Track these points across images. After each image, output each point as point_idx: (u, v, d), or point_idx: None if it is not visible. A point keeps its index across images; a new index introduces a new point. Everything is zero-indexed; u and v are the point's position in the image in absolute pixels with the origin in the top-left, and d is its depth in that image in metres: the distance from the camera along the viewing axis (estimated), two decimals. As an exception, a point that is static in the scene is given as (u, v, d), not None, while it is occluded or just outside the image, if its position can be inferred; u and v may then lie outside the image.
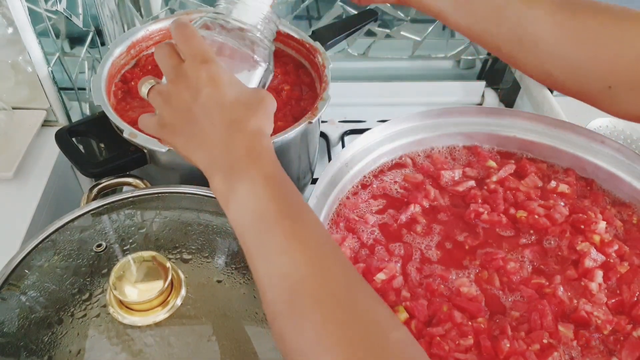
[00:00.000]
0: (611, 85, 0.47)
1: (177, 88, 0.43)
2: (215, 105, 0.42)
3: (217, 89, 0.42)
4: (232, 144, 0.41)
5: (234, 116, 0.42)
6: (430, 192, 0.64)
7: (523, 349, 0.50)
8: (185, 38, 0.44)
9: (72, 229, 0.55)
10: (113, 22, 0.91)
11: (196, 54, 0.43)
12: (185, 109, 0.43)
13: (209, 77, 0.42)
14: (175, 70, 0.44)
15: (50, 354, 0.45)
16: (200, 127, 0.42)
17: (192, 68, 0.43)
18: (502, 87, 1.02)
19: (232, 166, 0.40)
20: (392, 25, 0.97)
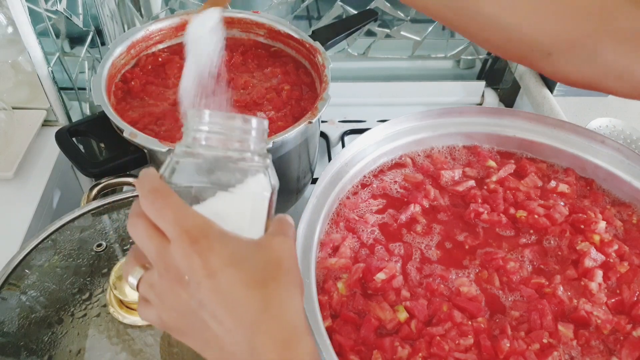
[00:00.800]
0: (551, 52, 0.47)
1: (169, 284, 0.34)
2: (222, 303, 0.32)
3: (219, 279, 0.32)
4: (259, 357, 0.32)
5: (251, 315, 0.32)
6: (430, 192, 0.64)
7: (523, 348, 0.50)
8: (158, 211, 0.33)
9: (72, 228, 0.55)
10: (113, 22, 0.91)
11: (179, 231, 0.32)
12: (186, 310, 0.34)
13: (205, 263, 0.32)
14: (161, 257, 0.33)
15: (51, 353, 0.45)
16: (212, 333, 0.33)
17: (181, 255, 0.32)
18: (502, 87, 1.02)
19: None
20: (392, 25, 0.97)
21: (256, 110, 0.70)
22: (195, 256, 0.32)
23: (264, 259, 0.34)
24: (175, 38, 0.80)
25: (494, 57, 1.01)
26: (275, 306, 0.33)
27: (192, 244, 0.32)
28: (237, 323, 0.32)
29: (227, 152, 0.35)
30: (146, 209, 0.34)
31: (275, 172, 0.37)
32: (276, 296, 0.33)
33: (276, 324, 0.33)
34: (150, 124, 0.68)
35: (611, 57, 0.44)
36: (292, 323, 0.33)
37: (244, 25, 0.80)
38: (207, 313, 0.33)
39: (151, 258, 0.34)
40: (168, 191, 0.34)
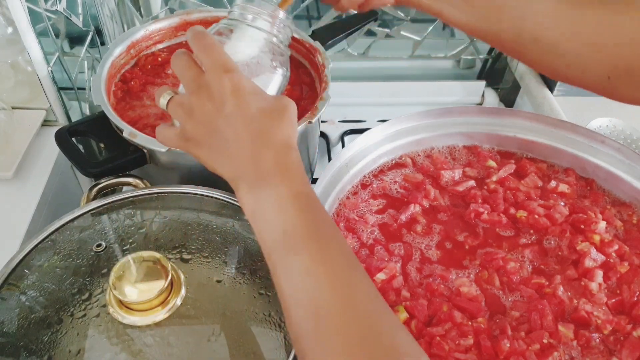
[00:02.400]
0: (610, 75, 0.49)
1: (200, 100, 0.42)
2: (240, 116, 0.41)
3: (242, 99, 0.41)
4: (260, 156, 0.40)
5: (260, 128, 0.41)
6: (430, 192, 0.64)
7: (523, 349, 0.50)
8: (205, 47, 0.43)
9: (72, 228, 0.55)
10: (113, 22, 0.91)
11: (217, 64, 0.42)
12: (210, 121, 0.42)
13: (233, 87, 0.41)
14: (197, 81, 0.42)
15: (50, 353, 0.45)
16: (226, 139, 0.41)
17: (215, 79, 0.41)
18: (502, 87, 1.02)
19: (260, 180, 0.40)
20: (392, 25, 0.97)
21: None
22: (227, 80, 0.41)
23: (276, 101, 0.43)
24: (175, 38, 0.80)
25: (494, 57, 1.01)
26: (277, 126, 0.41)
27: (226, 72, 0.41)
28: (249, 130, 0.40)
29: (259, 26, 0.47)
30: (195, 45, 0.43)
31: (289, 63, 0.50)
32: (279, 123, 0.42)
33: (276, 136, 0.41)
34: (150, 123, 0.68)
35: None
36: (287, 140, 0.42)
37: (244, 25, 0.80)
38: (227, 122, 0.41)
39: (187, 81, 0.43)
40: (214, 39, 0.43)
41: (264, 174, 0.40)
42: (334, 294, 0.36)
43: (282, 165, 0.40)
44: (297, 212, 0.39)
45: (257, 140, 0.40)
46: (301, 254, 0.38)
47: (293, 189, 0.39)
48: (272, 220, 0.39)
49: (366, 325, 0.36)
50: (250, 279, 0.50)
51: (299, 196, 0.39)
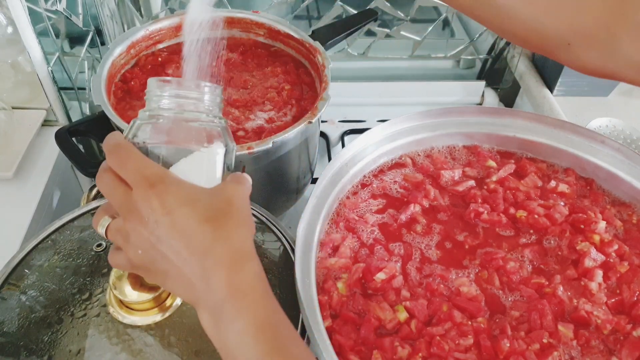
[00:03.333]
0: (570, 42, 0.47)
1: (133, 225, 0.38)
2: (179, 236, 0.37)
3: (174, 216, 0.37)
4: (210, 282, 0.37)
5: (204, 244, 0.37)
6: (430, 191, 0.64)
7: (523, 348, 0.50)
8: (121, 162, 0.38)
9: (72, 228, 0.55)
10: (113, 22, 0.91)
11: (139, 178, 0.37)
12: (148, 247, 0.38)
13: (162, 204, 0.37)
14: (125, 204, 0.38)
15: (50, 353, 0.45)
16: (171, 264, 0.38)
17: (141, 199, 0.37)
18: (502, 87, 1.02)
19: (216, 310, 0.37)
20: (392, 25, 0.97)
21: (256, 110, 0.70)
22: (154, 197, 0.37)
23: (216, 199, 0.39)
24: (175, 38, 0.80)
25: (494, 57, 1.01)
26: (224, 236, 0.37)
27: (151, 187, 0.37)
28: (191, 251, 0.37)
29: (184, 114, 0.40)
30: (111, 162, 0.39)
31: (231, 134, 0.43)
32: (226, 229, 0.38)
33: (224, 249, 0.37)
34: (150, 123, 0.68)
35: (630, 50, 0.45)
36: (239, 249, 0.38)
37: (244, 25, 0.80)
38: (166, 246, 0.37)
39: (116, 205, 0.39)
40: (130, 146, 0.39)
41: (219, 302, 0.36)
42: None
43: (236, 289, 0.37)
44: (262, 352, 0.36)
45: (204, 261, 0.37)
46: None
47: (253, 321, 0.36)
48: (237, 357, 0.36)
49: None
50: (250, 278, 0.50)
51: (261, 329, 0.36)
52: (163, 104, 0.41)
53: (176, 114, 0.40)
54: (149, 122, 0.41)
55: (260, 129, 0.68)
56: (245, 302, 0.37)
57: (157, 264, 0.38)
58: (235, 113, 0.69)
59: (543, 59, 0.97)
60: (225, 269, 0.37)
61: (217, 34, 0.56)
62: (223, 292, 0.36)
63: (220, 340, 0.37)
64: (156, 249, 0.37)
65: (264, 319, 0.37)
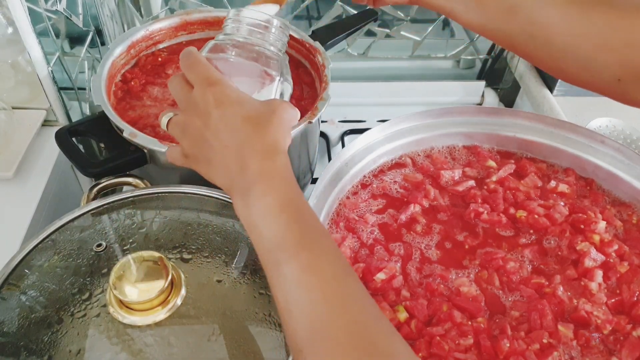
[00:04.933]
0: (620, 78, 0.49)
1: (190, 117, 0.44)
2: (225, 127, 0.42)
3: (225, 110, 0.42)
4: (245, 166, 0.41)
5: (244, 136, 0.41)
6: (430, 191, 0.64)
7: (523, 348, 0.50)
8: (190, 65, 0.44)
9: (72, 228, 0.55)
10: (113, 22, 0.91)
11: (201, 78, 0.43)
12: (199, 135, 0.43)
13: (216, 99, 0.42)
14: (186, 99, 0.44)
15: (50, 353, 0.45)
16: (215, 151, 0.42)
17: (200, 94, 0.43)
18: (502, 87, 1.02)
19: (248, 191, 0.40)
20: (392, 25, 0.97)
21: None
22: (210, 93, 0.42)
23: (263, 107, 0.43)
24: (175, 38, 0.80)
25: (494, 57, 1.01)
26: (262, 133, 0.42)
27: (209, 86, 0.42)
28: (233, 142, 0.41)
29: (252, 39, 0.48)
30: (182, 65, 0.45)
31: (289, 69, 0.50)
32: (264, 129, 0.42)
33: (261, 143, 0.41)
34: (150, 123, 0.68)
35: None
36: (273, 144, 0.42)
37: (244, 25, 0.80)
38: (213, 135, 0.42)
39: (179, 101, 0.45)
40: (199, 55, 0.45)
41: (251, 183, 0.40)
42: (326, 305, 0.36)
43: (267, 173, 0.40)
44: (285, 223, 0.39)
45: (242, 149, 0.41)
46: (292, 264, 0.38)
47: (279, 198, 0.40)
48: (263, 232, 0.39)
49: (361, 333, 0.35)
50: (250, 279, 0.50)
51: (286, 205, 0.40)
52: (237, 29, 0.48)
53: (245, 38, 0.48)
54: (222, 42, 0.48)
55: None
56: (272, 183, 0.40)
57: (204, 151, 0.43)
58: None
59: (543, 59, 0.97)
60: (259, 157, 0.41)
61: None
62: (254, 176, 0.40)
63: (248, 216, 0.40)
64: (205, 138, 0.42)
65: (289, 198, 0.40)
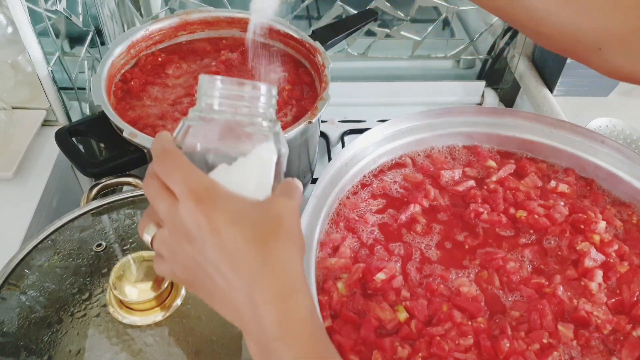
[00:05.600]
0: (601, 47, 0.48)
1: (178, 241, 0.36)
2: (224, 258, 0.35)
3: (222, 236, 0.34)
4: (259, 315, 0.34)
5: (250, 271, 0.35)
6: (430, 191, 0.64)
7: (523, 348, 0.50)
8: (168, 171, 0.36)
9: (72, 228, 0.55)
10: (113, 22, 0.91)
11: (186, 191, 0.35)
12: (195, 265, 0.36)
13: (209, 222, 0.34)
14: (170, 216, 0.36)
15: (50, 353, 0.45)
16: (217, 286, 0.36)
17: (187, 215, 0.35)
18: (502, 87, 1.02)
19: (267, 347, 0.35)
20: (392, 25, 0.97)
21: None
22: (200, 214, 0.34)
23: (265, 217, 0.36)
24: (175, 38, 0.80)
25: (494, 57, 1.01)
26: (273, 261, 0.35)
27: (198, 202, 0.34)
28: (238, 277, 0.34)
29: (236, 117, 0.38)
30: (157, 170, 0.36)
31: (284, 138, 0.40)
32: (275, 252, 0.35)
33: (273, 278, 0.35)
34: (150, 123, 0.68)
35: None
36: (290, 278, 0.35)
37: (244, 25, 0.80)
38: (212, 267, 0.35)
39: (162, 216, 0.37)
40: (178, 153, 0.36)
41: (270, 339, 0.35)
42: None
43: (287, 324, 0.35)
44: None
45: (251, 291, 0.34)
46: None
47: (304, 353, 0.35)
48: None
49: None
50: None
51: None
52: (214, 104, 0.38)
53: (228, 116, 0.38)
54: (198, 124, 0.38)
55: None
56: (294, 336, 0.35)
57: (203, 282, 0.37)
58: (235, 113, 0.69)
59: (543, 59, 0.97)
60: (274, 305, 0.34)
61: None
62: (273, 330, 0.34)
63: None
64: (202, 268, 0.36)
65: (316, 352, 0.35)
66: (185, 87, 0.73)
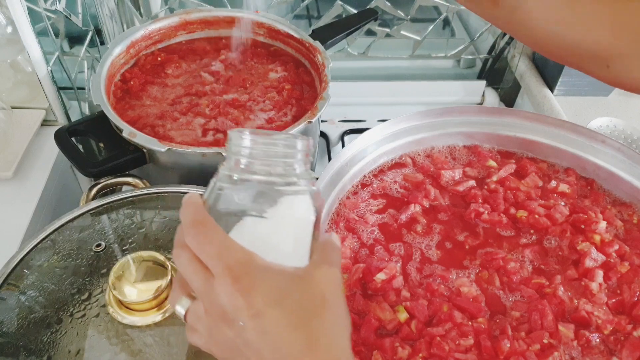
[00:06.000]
0: (609, 64, 0.47)
1: (216, 323, 0.34)
2: (266, 346, 0.33)
3: (262, 319, 0.32)
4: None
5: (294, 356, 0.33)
6: (431, 191, 0.64)
7: (523, 349, 0.50)
8: (201, 245, 0.34)
9: (72, 228, 0.55)
10: (112, 22, 0.91)
11: (222, 267, 0.33)
12: (233, 346, 0.34)
13: (247, 303, 0.32)
14: (206, 292, 0.34)
15: (50, 353, 0.45)
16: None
17: (224, 293, 0.33)
18: (502, 87, 1.02)
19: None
20: (392, 25, 0.97)
21: (256, 110, 0.70)
22: (239, 296, 0.32)
23: (307, 295, 0.34)
24: (175, 37, 0.80)
25: (495, 57, 1.01)
26: (319, 345, 0.33)
27: (235, 282, 0.32)
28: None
29: (271, 177, 0.34)
30: (189, 242, 0.34)
31: (320, 194, 0.37)
32: (320, 334, 0.33)
33: None
34: (150, 123, 0.68)
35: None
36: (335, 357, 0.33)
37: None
38: (253, 352, 0.33)
39: (196, 291, 0.35)
40: (210, 224, 0.34)
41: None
42: None
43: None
44: None
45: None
46: None
47: None
48: None
49: None
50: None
51: None
52: (247, 163, 0.34)
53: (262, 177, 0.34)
54: (230, 186, 0.35)
55: (260, 129, 0.67)
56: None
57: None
58: (234, 113, 0.69)
59: (543, 59, 0.97)
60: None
61: None
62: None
63: None
64: (241, 351, 0.34)
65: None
66: (185, 86, 0.73)
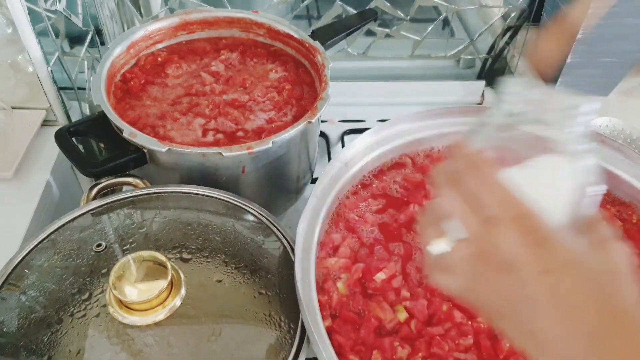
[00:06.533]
0: None
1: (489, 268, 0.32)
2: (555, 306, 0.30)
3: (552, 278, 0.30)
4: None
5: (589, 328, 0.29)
6: (430, 191, 0.64)
7: (523, 348, 0.50)
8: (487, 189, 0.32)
9: (72, 228, 0.55)
10: (113, 22, 0.91)
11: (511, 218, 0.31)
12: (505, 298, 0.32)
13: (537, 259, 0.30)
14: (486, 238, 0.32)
15: (50, 353, 0.45)
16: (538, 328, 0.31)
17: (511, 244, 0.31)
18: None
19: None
20: (392, 25, 0.97)
21: (256, 110, 0.70)
22: (529, 248, 0.30)
23: (601, 266, 0.31)
24: (175, 38, 0.80)
25: (494, 57, 1.01)
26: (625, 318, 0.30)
27: (524, 234, 0.31)
28: (574, 333, 0.30)
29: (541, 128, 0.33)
30: (470, 182, 0.33)
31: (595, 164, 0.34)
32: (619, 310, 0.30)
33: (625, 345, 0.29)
34: (150, 123, 0.68)
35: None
36: None
37: (244, 25, 0.80)
38: (535, 309, 0.31)
39: (472, 234, 0.33)
40: (492, 167, 0.33)
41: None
42: None
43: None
44: None
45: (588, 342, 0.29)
46: None
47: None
48: None
49: None
50: (250, 279, 0.50)
51: None
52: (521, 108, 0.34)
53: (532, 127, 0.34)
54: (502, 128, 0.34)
55: (260, 129, 0.68)
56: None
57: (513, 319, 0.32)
58: (234, 113, 0.69)
59: (543, 59, 0.97)
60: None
61: None
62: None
63: None
64: (517, 305, 0.31)
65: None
66: (185, 86, 0.73)
